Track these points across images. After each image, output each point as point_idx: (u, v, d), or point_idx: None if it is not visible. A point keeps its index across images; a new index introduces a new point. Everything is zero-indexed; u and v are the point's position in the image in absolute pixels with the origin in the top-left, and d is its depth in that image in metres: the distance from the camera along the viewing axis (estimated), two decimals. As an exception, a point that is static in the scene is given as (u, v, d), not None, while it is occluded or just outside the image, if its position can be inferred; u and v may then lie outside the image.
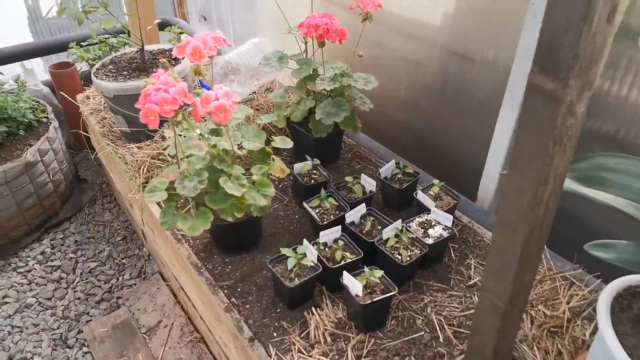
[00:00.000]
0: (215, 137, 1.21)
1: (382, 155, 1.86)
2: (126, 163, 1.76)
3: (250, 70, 2.12)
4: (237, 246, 1.43)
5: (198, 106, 1.01)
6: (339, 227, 1.35)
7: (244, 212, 1.21)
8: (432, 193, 1.52)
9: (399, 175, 1.59)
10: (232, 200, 1.17)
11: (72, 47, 2.67)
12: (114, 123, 2.00)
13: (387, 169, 1.60)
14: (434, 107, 1.80)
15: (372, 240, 1.33)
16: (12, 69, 2.98)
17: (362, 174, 1.55)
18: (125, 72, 1.83)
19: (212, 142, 1.19)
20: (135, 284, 2.12)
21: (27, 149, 2.27)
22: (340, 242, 1.33)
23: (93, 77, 1.79)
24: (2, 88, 2.38)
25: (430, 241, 1.33)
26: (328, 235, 1.34)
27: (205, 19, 3.27)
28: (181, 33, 2.94)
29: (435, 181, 1.52)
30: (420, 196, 1.47)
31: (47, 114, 2.48)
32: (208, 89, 2.12)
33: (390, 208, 1.60)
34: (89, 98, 2.18)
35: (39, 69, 3.12)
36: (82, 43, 2.75)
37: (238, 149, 1.25)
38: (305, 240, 1.29)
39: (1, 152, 2.24)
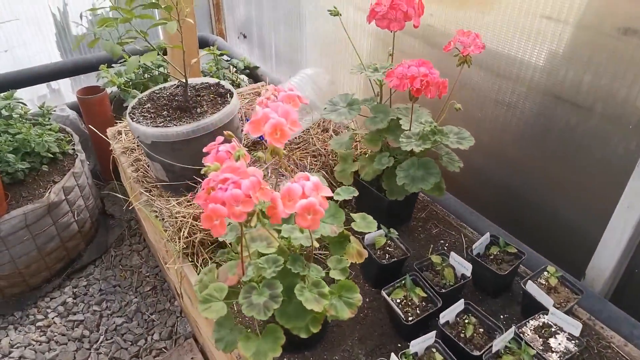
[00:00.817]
0: (287, 225, 0.93)
1: (462, 215, 1.55)
2: (163, 219, 1.50)
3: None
4: (297, 343, 1.15)
5: (279, 206, 0.73)
6: (433, 334, 1.06)
7: (321, 324, 0.93)
8: (543, 282, 1.22)
9: (496, 253, 1.29)
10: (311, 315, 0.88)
11: (102, 70, 2.44)
12: (148, 166, 1.74)
13: (480, 244, 1.30)
14: (529, 159, 1.48)
15: (478, 354, 1.03)
16: (38, 89, 2.78)
17: (452, 253, 1.26)
18: (165, 112, 1.57)
19: (284, 235, 0.91)
20: (165, 348, 1.85)
21: (51, 186, 2.03)
22: (438, 356, 1.03)
23: (128, 119, 1.53)
24: (24, 118, 2.16)
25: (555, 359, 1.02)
26: (420, 344, 1.05)
27: (244, 37, 3.02)
28: (221, 54, 2.69)
29: (551, 268, 1.21)
30: (532, 289, 1.16)
31: (74, 144, 2.25)
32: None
33: (482, 292, 1.30)
34: (121, 134, 1.93)
35: (66, 89, 2.90)
36: (113, 64, 2.53)
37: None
38: (393, 355, 1.00)
39: (22, 190, 2.01)
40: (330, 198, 0.83)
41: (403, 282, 1.19)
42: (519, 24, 1.33)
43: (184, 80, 1.61)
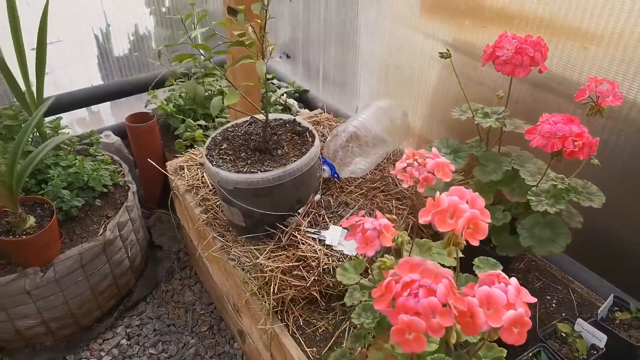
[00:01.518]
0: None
1: (566, 267, 1.45)
2: (243, 269, 1.40)
3: (373, 138, 1.74)
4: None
5: (479, 317, 0.62)
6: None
7: None
8: (684, 355, 1.11)
9: (624, 318, 1.18)
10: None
11: (151, 95, 2.34)
12: (218, 206, 1.64)
13: (604, 307, 1.19)
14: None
15: None
16: (77, 112, 2.68)
17: (580, 320, 1.15)
18: (243, 154, 1.47)
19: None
20: (231, 397, 1.75)
21: (104, 221, 1.93)
22: None
23: (207, 162, 1.43)
24: (74, 148, 2.06)
25: None
26: None
27: (288, 57, 2.92)
28: (271, 79, 2.59)
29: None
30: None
31: (123, 174, 2.15)
32: (332, 167, 1.75)
33: None
34: (183, 169, 1.83)
35: (105, 111, 2.81)
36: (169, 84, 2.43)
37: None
38: None
39: (75, 226, 1.90)
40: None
41: (532, 354, 1.08)
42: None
43: (261, 119, 1.51)
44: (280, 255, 1.37)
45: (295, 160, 1.39)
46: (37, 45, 1.88)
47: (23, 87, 1.91)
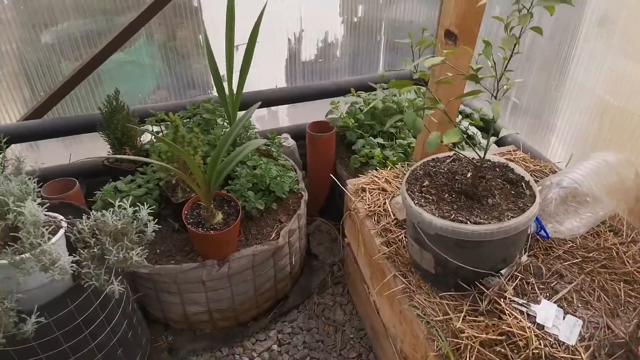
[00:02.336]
0: None
1: None
2: (429, 323, 1.27)
3: (593, 197, 1.47)
4: None
5: None
6: None
7: None
8: None
9: None
10: None
11: (333, 105, 2.34)
12: (400, 240, 1.54)
13: None
14: None
15: None
16: (258, 110, 2.81)
17: None
18: (446, 195, 1.34)
19: None
20: None
21: (277, 225, 1.96)
22: None
23: (407, 198, 1.32)
24: (260, 150, 2.12)
25: None
26: None
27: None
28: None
29: None
30: None
31: (298, 181, 2.17)
32: (540, 225, 1.53)
33: None
34: (365, 191, 1.76)
35: (282, 112, 2.90)
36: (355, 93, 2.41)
37: None
38: None
39: (251, 226, 1.96)
40: None
41: None
42: None
43: (466, 155, 1.36)
44: (479, 321, 1.21)
45: (511, 217, 1.22)
46: (247, 47, 1.96)
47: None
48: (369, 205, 1.70)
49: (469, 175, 1.38)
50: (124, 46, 2.44)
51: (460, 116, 2.44)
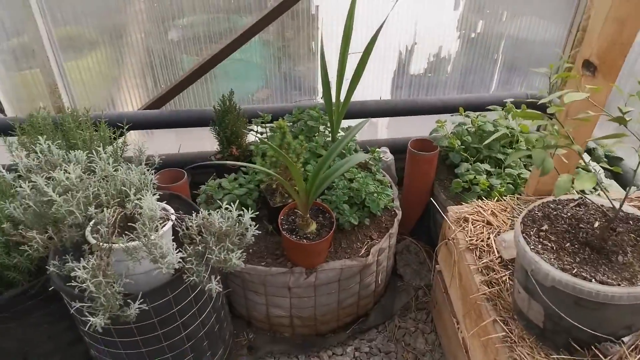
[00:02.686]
0: None
1: None
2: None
3: None
4: None
5: None
6: None
7: None
8: None
9: None
10: None
11: (439, 124, 2.24)
12: (504, 283, 1.42)
13: None
14: None
15: None
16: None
17: None
18: (568, 245, 1.21)
19: None
20: None
21: (368, 243, 1.92)
22: None
23: (522, 241, 1.21)
24: (361, 165, 2.09)
25: None
26: None
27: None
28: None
29: None
30: None
31: (393, 199, 2.11)
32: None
33: None
34: (467, 221, 1.66)
35: (382, 124, 2.86)
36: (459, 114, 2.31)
37: None
38: None
39: (342, 239, 1.94)
40: None
41: None
42: None
43: (593, 202, 1.21)
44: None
45: (647, 282, 1.06)
46: (362, 57, 1.92)
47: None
48: (470, 237, 1.60)
49: (596, 225, 1.24)
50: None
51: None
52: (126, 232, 1.27)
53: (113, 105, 2.61)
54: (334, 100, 2.02)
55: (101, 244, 1.22)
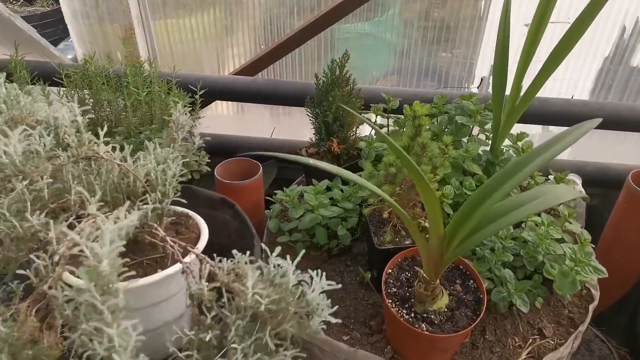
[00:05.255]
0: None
1: None
2: None
3: None
4: None
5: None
6: None
7: None
8: None
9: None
10: None
11: None
12: None
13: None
14: None
15: None
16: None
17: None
18: None
19: None
20: None
21: (534, 344, 1.07)
22: None
23: None
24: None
25: None
26: None
27: None
28: None
29: None
30: None
31: (586, 267, 1.22)
32: None
33: None
34: None
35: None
36: None
37: None
38: None
39: (488, 324, 1.12)
40: None
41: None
42: None
43: None
44: None
45: None
46: (569, 32, 1.07)
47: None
48: None
49: None
50: (367, 16, 1.92)
51: None
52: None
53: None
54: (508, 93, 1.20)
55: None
